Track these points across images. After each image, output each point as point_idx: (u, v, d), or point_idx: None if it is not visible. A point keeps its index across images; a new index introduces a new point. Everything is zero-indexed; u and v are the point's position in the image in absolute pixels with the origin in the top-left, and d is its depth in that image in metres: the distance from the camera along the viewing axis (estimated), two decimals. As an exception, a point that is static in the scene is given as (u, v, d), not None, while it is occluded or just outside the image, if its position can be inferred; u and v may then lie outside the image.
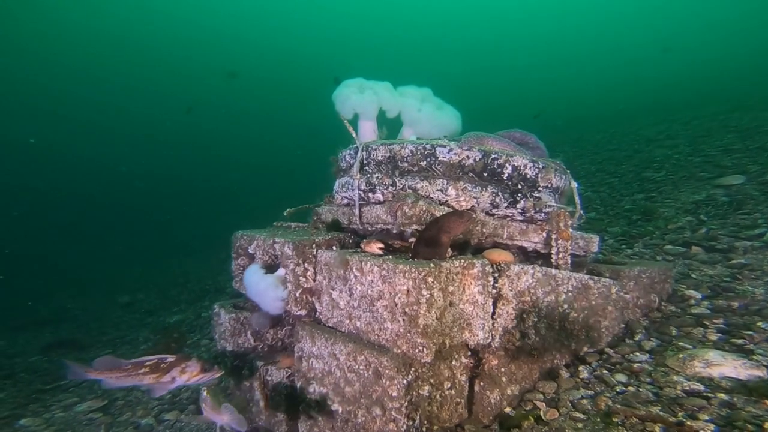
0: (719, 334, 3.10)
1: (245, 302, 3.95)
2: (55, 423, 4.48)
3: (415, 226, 3.02)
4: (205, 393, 2.54)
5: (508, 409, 2.85)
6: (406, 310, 2.52)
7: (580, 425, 2.53)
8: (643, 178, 7.72)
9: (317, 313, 3.27)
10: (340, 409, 2.87)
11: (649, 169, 8.09)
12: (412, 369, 2.53)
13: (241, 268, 3.89)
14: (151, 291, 10.82)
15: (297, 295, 3.33)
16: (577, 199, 3.45)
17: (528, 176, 3.22)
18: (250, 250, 3.79)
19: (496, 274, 2.81)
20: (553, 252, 3.22)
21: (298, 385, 3.21)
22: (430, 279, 2.47)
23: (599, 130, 13.38)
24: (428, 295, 2.47)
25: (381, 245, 2.98)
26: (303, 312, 3.35)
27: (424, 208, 3.00)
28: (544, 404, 2.80)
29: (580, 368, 3.04)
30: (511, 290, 2.81)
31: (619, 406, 2.57)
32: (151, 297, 10.27)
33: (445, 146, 3.15)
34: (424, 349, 2.47)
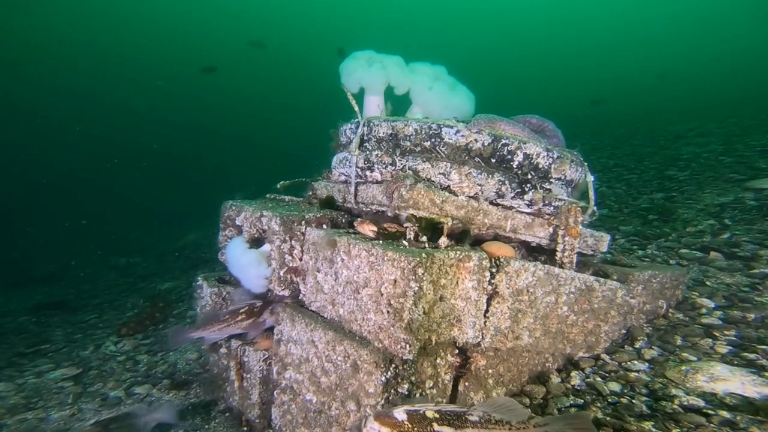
0: (729, 347, 2.87)
1: (230, 276, 3.77)
2: (26, 389, 4.38)
3: (411, 211, 2.79)
4: None
5: (493, 414, 2.66)
6: (392, 302, 2.31)
7: (565, 437, 2.34)
8: (665, 176, 7.31)
9: (301, 294, 3.09)
10: (315, 399, 2.70)
11: (673, 167, 7.65)
12: (393, 365, 2.34)
13: (228, 240, 3.71)
14: (148, 255, 10.73)
15: (281, 273, 3.14)
16: (591, 194, 3.18)
17: (540, 166, 2.96)
18: (237, 222, 3.60)
19: (494, 269, 2.58)
20: (558, 249, 2.98)
21: (274, 370, 3.05)
22: (420, 270, 2.26)
23: (623, 123, 12.82)
24: (416, 288, 2.26)
25: (374, 228, 2.76)
26: (286, 292, 3.17)
27: (422, 192, 2.76)
28: (529, 410, 2.60)
29: (573, 374, 2.83)
30: (508, 288, 2.59)
31: (608, 419, 2.36)
32: (148, 261, 10.17)
33: (452, 127, 2.89)
34: (407, 346, 2.27)
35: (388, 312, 2.33)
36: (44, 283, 9.52)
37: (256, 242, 3.41)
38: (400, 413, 1.85)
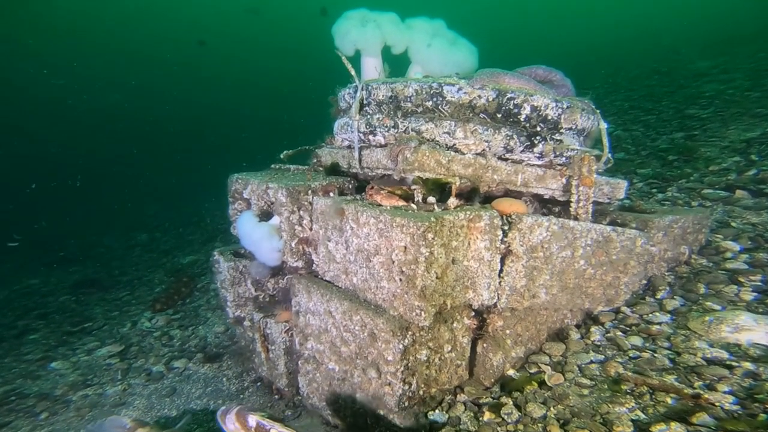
0: (755, 294, 2.78)
1: (245, 249, 3.80)
2: (81, 367, 4.66)
3: (417, 173, 2.71)
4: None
5: (511, 371, 2.68)
6: (404, 268, 2.29)
7: (585, 392, 2.35)
8: (685, 115, 6.92)
9: (314, 264, 3.10)
10: (337, 368, 2.75)
11: (695, 105, 7.23)
12: (409, 333, 2.34)
13: (238, 213, 3.71)
14: (167, 230, 10.93)
15: (293, 245, 3.14)
16: (605, 141, 3.04)
17: (549, 117, 2.82)
18: (245, 195, 3.58)
19: (506, 227, 2.52)
20: (572, 200, 2.89)
21: (297, 340, 3.10)
22: (430, 235, 2.21)
23: (638, 65, 12.08)
24: (427, 253, 2.22)
25: (401, 201, 2.67)
26: (300, 263, 3.18)
27: (427, 154, 2.67)
28: (549, 367, 2.61)
29: (592, 329, 2.80)
30: (521, 245, 2.53)
31: (630, 373, 2.35)
32: (168, 236, 10.38)
33: (453, 85, 2.75)
34: (422, 313, 2.27)
35: (400, 279, 2.31)
36: (76, 262, 9.84)
37: (265, 214, 3.40)
38: (253, 420, 2.12)
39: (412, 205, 2.63)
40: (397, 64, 3.58)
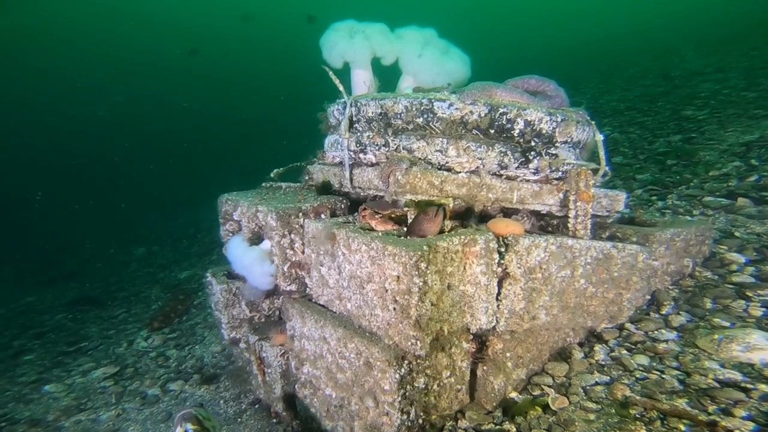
0: (764, 309, 2.68)
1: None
2: (75, 390, 4.56)
3: (409, 196, 2.64)
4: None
5: (513, 394, 2.59)
6: (397, 298, 2.21)
7: (591, 417, 2.25)
8: (682, 116, 6.83)
9: (308, 288, 3.02)
10: (334, 395, 2.67)
11: (691, 106, 7.14)
12: (405, 362, 2.26)
13: (230, 234, 3.64)
14: (164, 242, 10.83)
15: (285, 269, 3.06)
16: (602, 154, 2.96)
17: (543, 131, 2.74)
18: (235, 217, 3.50)
19: (503, 249, 2.44)
20: (570, 216, 2.80)
21: (293, 364, 3.02)
22: (423, 264, 2.13)
23: (633, 63, 11.98)
24: (421, 283, 2.14)
25: (391, 226, 2.62)
26: (293, 287, 3.10)
27: (419, 176, 2.59)
28: (552, 390, 2.52)
29: (596, 347, 2.71)
30: (519, 267, 2.45)
31: (638, 397, 2.26)
32: (165, 249, 10.27)
33: (444, 101, 2.67)
34: (418, 342, 2.19)
35: (394, 309, 2.23)
36: (73, 278, 9.74)
37: (257, 236, 3.32)
38: (181, 429, 2.19)
39: (405, 228, 2.55)
40: (388, 75, 3.51)
